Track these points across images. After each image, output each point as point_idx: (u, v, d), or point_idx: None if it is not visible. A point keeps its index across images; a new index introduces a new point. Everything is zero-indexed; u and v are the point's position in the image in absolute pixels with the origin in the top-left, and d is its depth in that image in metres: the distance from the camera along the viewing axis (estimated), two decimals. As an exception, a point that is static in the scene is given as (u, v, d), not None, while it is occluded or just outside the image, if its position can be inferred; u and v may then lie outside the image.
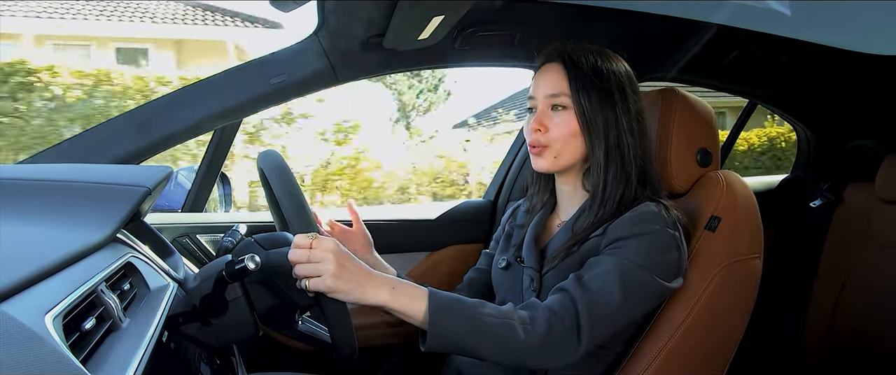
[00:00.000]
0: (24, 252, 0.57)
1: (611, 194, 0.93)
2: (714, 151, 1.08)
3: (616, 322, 0.85)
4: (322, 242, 0.76)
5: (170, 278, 0.85)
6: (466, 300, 0.83)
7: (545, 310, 0.83)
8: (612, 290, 0.83)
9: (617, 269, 0.85)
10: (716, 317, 0.95)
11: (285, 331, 1.05)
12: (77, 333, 0.54)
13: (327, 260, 0.75)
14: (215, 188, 1.49)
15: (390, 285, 0.80)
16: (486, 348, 0.81)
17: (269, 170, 0.82)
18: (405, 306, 0.79)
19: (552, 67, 0.97)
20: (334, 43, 1.25)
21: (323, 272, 0.75)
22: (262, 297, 0.93)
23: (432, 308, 0.79)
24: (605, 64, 0.96)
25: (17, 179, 0.78)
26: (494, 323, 0.80)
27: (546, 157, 0.97)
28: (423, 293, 0.81)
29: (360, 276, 0.78)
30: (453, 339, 0.80)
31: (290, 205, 0.79)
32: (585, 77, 0.94)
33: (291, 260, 0.77)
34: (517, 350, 0.80)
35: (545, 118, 0.96)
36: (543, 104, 0.97)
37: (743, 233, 0.98)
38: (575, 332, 0.82)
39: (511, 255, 1.06)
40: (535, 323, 0.81)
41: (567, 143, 0.95)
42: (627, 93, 0.96)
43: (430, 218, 1.61)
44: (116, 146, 1.15)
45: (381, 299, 0.78)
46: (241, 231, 1.14)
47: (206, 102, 1.21)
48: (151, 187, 0.81)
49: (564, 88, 0.94)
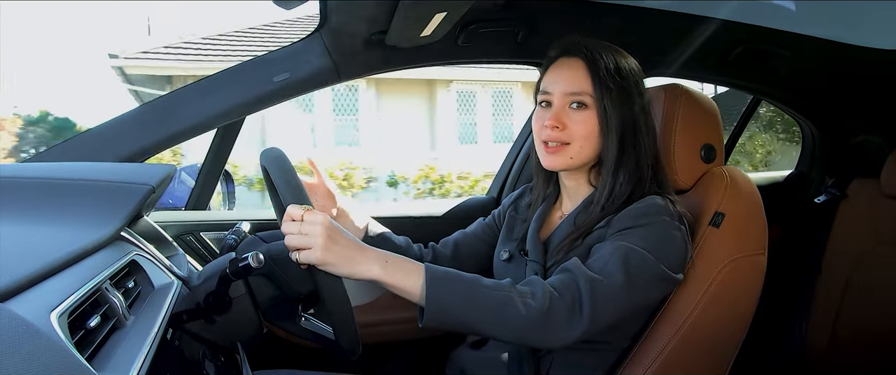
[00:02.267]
0: (28, 250, 0.57)
1: (620, 193, 0.93)
2: (718, 147, 1.07)
3: (618, 302, 0.83)
4: (313, 215, 0.75)
5: (174, 276, 0.86)
6: (463, 274, 0.81)
7: (546, 286, 0.81)
8: (615, 270, 0.82)
9: (619, 251, 0.84)
10: (720, 314, 0.94)
11: (289, 328, 1.06)
12: (82, 331, 0.54)
13: (317, 234, 0.74)
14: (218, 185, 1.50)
15: (383, 259, 0.78)
16: (486, 322, 0.78)
17: (268, 161, 0.83)
18: (400, 280, 0.77)
19: (572, 63, 0.95)
20: (337, 40, 1.24)
21: (313, 244, 0.74)
22: (264, 289, 0.94)
23: (429, 281, 0.77)
24: (622, 62, 0.94)
25: (21, 177, 0.79)
26: (494, 296, 0.78)
27: (563, 156, 0.94)
28: (419, 267, 0.79)
29: (351, 250, 0.76)
30: (451, 313, 0.78)
31: (282, 180, 0.78)
32: (608, 75, 0.92)
33: (283, 231, 0.76)
34: (517, 324, 0.78)
35: (564, 115, 0.93)
36: (562, 100, 0.94)
37: (747, 229, 0.98)
38: (577, 309, 0.80)
39: (514, 248, 1.05)
40: (535, 298, 0.79)
41: (586, 143, 0.93)
42: (642, 90, 0.95)
43: (435, 216, 1.61)
44: (121, 144, 1.16)
45: (373, 273, 0.77)
46: (245, 228, 1.15)
47: (209, 101, 1.21)
48: (155, 185, 0.81)
49: (587, 87, 0.92)
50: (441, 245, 1.17)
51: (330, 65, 1.27)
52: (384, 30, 1.21)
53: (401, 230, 1.55)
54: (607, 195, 0.93)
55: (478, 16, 1.27)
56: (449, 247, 1.16)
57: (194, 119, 1.20)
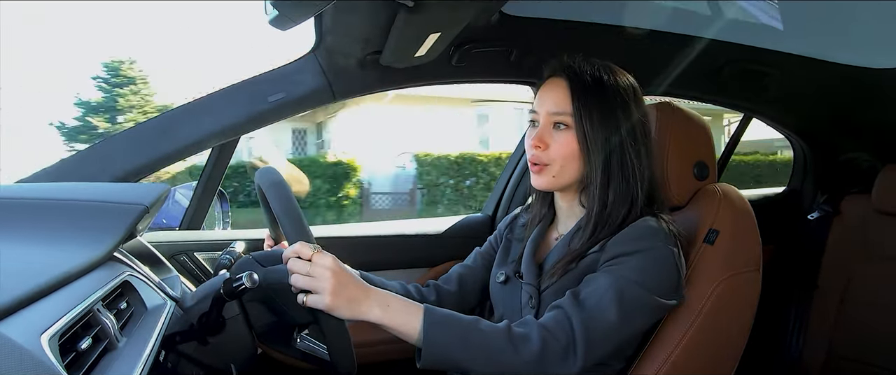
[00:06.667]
0: (19, 271, 0.56)
1: (612, 214, 0.92)
2: (711, 164, 1.08)
3: (612, 339, 0.84)
4: (322, 258, 0.76)
5: (167, 296, 0.85)
6: (462, 316, 0.82)
7: (540, 328, 0.82)
8: (608, 308, 0.82)
9: (613, 287, 0.84)
10: (716, 332, 0.94)
11: (283, 350, 1.04)
12: (73, 353, 0.54)
13: (325, 278, 0.75)
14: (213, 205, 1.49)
15: (386, 302, 0.79)
16: (481, 364, 0.80)
17: (267, 186, 0.82)
18: (400, 323, 0.79)
19: (556, 83, 0.95)
20: (331, 60, 1.25)
21: (321, 289, 0.75)
22: (260, 314, 0.93)
23: (427, 324, 0.79)
24: (610, 79, 0.93)
25: (13, 198, 0.78)
26: (489, 340, 0.80)
27: (545, 176, 0.96)
28: (419, 309, 0.80)
29: (356, 293, 0.77)
30: (448, 355, 0.79)
31: (288, 219, 0.78)
32: (589, 94, 0.92)
33: (290, 269, 0.76)
34: (512, 367, 0.80)
35: (546, 135, 0.95)
36: (546, 120, 0.95)
37: (741, 246, 0.98)
38: (571, 350, 0.81)
39: (510, 270, 1.05)
40: (529, 341, 0.80)
41: (567, 163, 0.94)
42: (631, 110, 0.94)
43: (430, 234, 1.60)
44: (115, 164, 1.15)
45: (375, 316, 0.78)
46: (239, 248, 1.14)
47: (204, 120, 1.21)
48: (149, 205, 0.81)
49: (567, 107, 0.93)
50: (444, 281, 1.16)
51: (325, 85, 1.28)
52: (379, 50, 1.22)
53: (393, 249, 1.55)
54: (596, 217, 0.93)
55: (472, 36, 1.28)
56: (453, 283, 1.15)
57: (189, 139, 1.20)
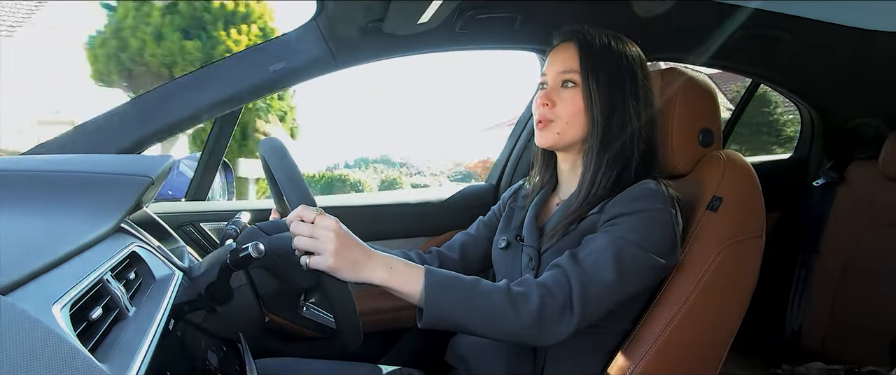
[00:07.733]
0: (29, 243, 0.57)
1: (604, 175, 0.94)
2: (716, 131, 1.07)
3: (609, 298, 0.85)
4: (324, 220, 0.77)
5: (174, 267, 0.86)
6: (463, 277, 0.83)
7: (538, 286, 0.83)
8: (606, 267, 0.84)
9: (611, 246, 0.85)
10: (717, 297, 0.95)
11: (290, 318, 1.06)
12: (84, 323, 0.55)
13: (328, 240, 0.75)
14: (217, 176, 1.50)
15: (388, 264, 0.80)
16: (481, 325, 0.82)
17: (269, 154, 0.82)
18: (402, 285, 0.80)
19: (566, 46, 0.99)
20: (333, 28, 1.24)
21: (324, 251, 0.75)
22: (266, 283, 0.94)
23: (428, 286, 0.80)
24: (618, 46, 0.97)
25: (20, 171, 0.79)
26: (489, 301, 0.81)
27: (549, 132, 0.98)
28: (420, 271, 0.81)
29: (359, 255, 0.78)
30: (448, 316, 0.81)
31: (289, 182, 0.78)
32: (596, 56, 0.95)
33: (293, 232, 0.77)
34: (511, 326, 0.81)
35: (554, 93, 0.98)
36: (554, 80, 0.98)
37: (745, 213, 0.98)
38: (568, 307, 0.83)
39: (511, 235, 1.06)
40: (528, 300, 0.82)
41: (572, 120, 0.96)
42: (638, 78, 0.97)
43: (433, 202, 1.61)
44: (118, 136, 1.15)
45: (378, 278, 0.79)
46: (244, 218, 1.14)
47: (206, 91, 1.20)
48: (154, 176, 0.81)
49: (575, 65, 0.96)
50: (447, 248, 1.17)
51: (326, 54, 1.27)
52: (381, 17, 1.20)
53: (395, 217, 1.56)
54: (591, 176, 0.95)
55: (475, 2, 1.26)
56: (455, 250, 1.16)
57: (191, 109, 1.19)
